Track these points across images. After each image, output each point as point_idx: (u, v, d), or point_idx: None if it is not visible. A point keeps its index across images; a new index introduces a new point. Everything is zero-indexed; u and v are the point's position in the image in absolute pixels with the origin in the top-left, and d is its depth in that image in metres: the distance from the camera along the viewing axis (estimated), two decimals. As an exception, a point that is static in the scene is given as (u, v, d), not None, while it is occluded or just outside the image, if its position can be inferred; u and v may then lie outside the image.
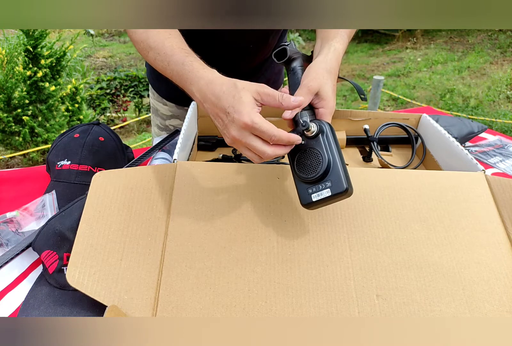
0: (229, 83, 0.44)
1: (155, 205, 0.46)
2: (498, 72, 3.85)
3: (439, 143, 0.70)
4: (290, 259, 0.43)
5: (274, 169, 0.50)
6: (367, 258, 0.43)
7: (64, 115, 2.22)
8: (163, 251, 0.42)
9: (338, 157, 0.41)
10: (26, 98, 2.05)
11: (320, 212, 0.47)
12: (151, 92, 0.94)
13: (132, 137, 3.17)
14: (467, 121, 0.90)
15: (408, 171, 0.53)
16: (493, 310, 0.41)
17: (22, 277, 0.51)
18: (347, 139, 0.77)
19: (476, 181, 0.52)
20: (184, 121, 0.67)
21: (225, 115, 0.44)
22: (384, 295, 0.41)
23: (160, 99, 0.91)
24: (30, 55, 2.01)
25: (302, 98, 0.45)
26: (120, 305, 0.39)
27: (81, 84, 2.31)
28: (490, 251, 0.45)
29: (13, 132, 2.10)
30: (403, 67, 4.29)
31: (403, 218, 0.47)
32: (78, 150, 0.66)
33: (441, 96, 3.56)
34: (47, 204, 0.61)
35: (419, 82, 3.89)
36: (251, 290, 0.40)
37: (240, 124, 0.42)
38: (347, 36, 0.58)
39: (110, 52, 5.38)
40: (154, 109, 0.95)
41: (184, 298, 0.40)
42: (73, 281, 0.39)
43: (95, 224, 0.44)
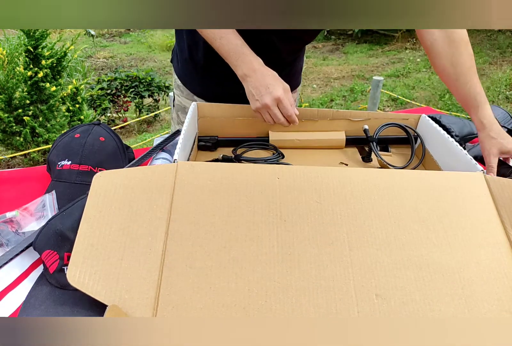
0: (273, 72, 0.66)
1: (155, 205, 0.46)
2: (497, 73, 3.85)
3: (438, 143, 0.70)
4: (290, 259, 0.43)
5: (274, 170, 0.51)
6: (366, 257, 0.44)
7: (65, 116, 2.22)
8: (163, 250, 0.43)
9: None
10: (27, 99, 2.05)
11: (319, 212, 0.47)
12: (179, 90, 0.94)
13: (133, 137, 3.18)
14: (467, 122, 0.90)
15: (407, 172, 0.53)
16: (492, 310, 0.41)
17: (23, 277, 0.51)
18: (346, 139, 0.77)
19: (475, 181, 0.52)
20: (185, 121, 0.68)
21: (264, 88, 0.64)
22: (384, 294, 0.41)
23: (191, 96, 0.91)
24: (31, 56, 2.01)
25: (297, 122, 0.67)
26: (121, 304, 0.39)
27: (82, 84, 2.32)
28: (489, 251, 0.45)
29: (14, 133, 2.11)
30: (402, 67, 4.30)
31: (402, 218, 0.47)
32: (78, 150, 0.67)
33: (441, 97, 3.57)
34: (47, 204, 0.61)
35: (418, 83, 3.90)
36: (251, 290, 0.40)
37: (275, 96, 0.63)
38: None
39: (111, 53, 5.39)
40: (181, 107, 0.95)
41: (185, 297, 0.40)
42: (73, 280, 0.40)
43: (95, 223, 0.44)
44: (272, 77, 0.65)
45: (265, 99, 0.63)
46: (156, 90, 3.32)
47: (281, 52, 0.81)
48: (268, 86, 0.63)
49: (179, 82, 0.92)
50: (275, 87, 0.63)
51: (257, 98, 0.64)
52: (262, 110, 0.65)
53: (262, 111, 0.66)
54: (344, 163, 0.73)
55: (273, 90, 0.63)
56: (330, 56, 4.98)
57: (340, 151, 0.78)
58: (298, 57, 0.91)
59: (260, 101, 0.64)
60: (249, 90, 0.65)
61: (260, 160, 0.69)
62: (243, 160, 0.69)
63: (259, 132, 0.78)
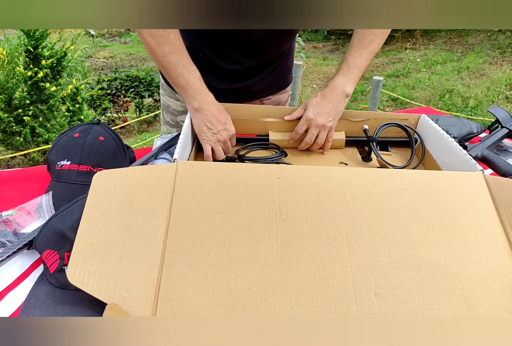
0: (223, 108, 0.70)
1: (155, 204, 0.46)
2: (497, 73, 3.85)
3: (438, 143, 0.70)
4: (289, 258, 0.43)
5: (273, 169, 0.51)
6: (365, 257, 0.44)
7: (65, 116, 2.22)
8: (163, 249, 0.43)
9: None
10: (27, 99, 2.05)
11: (319, 211, 0.47)
12: (163, 89, 0.94)
13: (133, 137, 3.18)
14: (466, 122, 0.90)
15: (407, 171, 0.53)
16: (491, 309, 0.41)
17: (23, 277, 0.51)
18: (346, 140, 0.77)
19: (474, 180, 0.52)
20: (185, 121, 0.68)
21: (221, 124, 0.68)
22: (383, 293, 0.41)
23: (173, 94, 0.91)
24: (31, 56, 2.01)
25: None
26: (120, 303, 0.39)
27: (82, 84, 2.32)
28: (488, 251, 0.45)
29: (14, 133, 2.11)
30: (402, 67, 4.30)
31: (401, 218, 0.47)
32: (78, 150, 0.66)
33: (441, 97, 3.57)
34: (44, 204, 0.61)
35: (418, 83, 3.90)
36: (251, 289, 0.41)
37: (231, 133, 0.70)
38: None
39: (111, 53, 5.39)
40: (165, 106, 0.95)
41: (184, 296, 0.40)
42: (73, 279, 0.40)
43: (95, 222, 0.44)
44: (225, 114, 0.69)
45: (223, 135, 0.67)
46: (156, 90, 3.32)
47: (264, 47, 0.80)
48: (225, 122, 0.68)
49: (163, 81, 0.92)
50: (230, 125, 0.69)
51: (214, 132, 0.66)
52: (216, 143, 0.67)
53: (216, 144, 0.67)
54: (344, 163, 0.73)
55: (229, 127, 0.69)
56: (330, 56, 4.98)
57: (340, 151, 0.78)
58: (285, 55, 0.89)
59: (218, 136, 0.67)
60: (204, 123, 0.66)
61: (261, 159, 0.70)
62: (246, 161, 0.69)
63: (258, 133, 0.78)
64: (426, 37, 5.07)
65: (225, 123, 0.68)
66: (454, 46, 4.71)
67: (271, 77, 0.89)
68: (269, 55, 0.84)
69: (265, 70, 0.86)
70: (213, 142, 0.67)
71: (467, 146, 0.83)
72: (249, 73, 0.84)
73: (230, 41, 0.77)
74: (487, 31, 4.84)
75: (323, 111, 0.70)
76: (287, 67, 0.93)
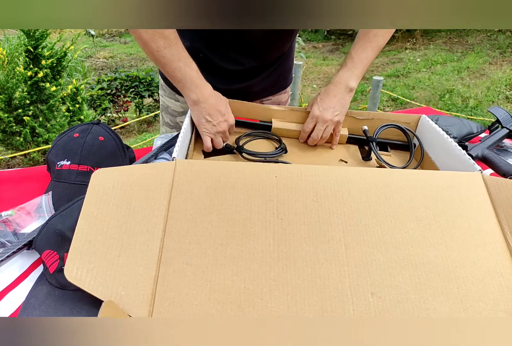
0: (224, 98, 0.70)
1: (153, 202, 0.46)
2: (497, 73, 3.85)
3: (437, 144, 0.70)
4: (286, 257, 0.43)
5: (271, 168, 0.51)
6: (362, 256, 0.44)
7: (65, 116, 2.22)
8: (160, 247, 0.43)
9: None
10: (27, 99, 2.05)
11: (316, 210, 0.47)
12: (162, 89, 0.93)
13: (133, 137, 3.18)
14: (466, 122, 0.90)
15: (405, 171, 0.53)
16: (488, 309, 0.41)
17: (23, 277, 0.51)
18: (348, 137, 0.77)
19: (473, 180, 0.52)
20: (184, 122, 0.68)
21: (220, 115, 0.67)
22: (379, 293, 0.41)
23: (172, 95, 0.91)
24: (31, 56, 2.01)
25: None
26: (118, 300, 0.39)
27: (82, 84, 2.32)
28: (485, 251, 0.45)
29: (14, 133, 2.11)
30: (402, 67, 4.30)
31: (399, 217, 0.47)
32: (77, 150, 0.66)
33: (441, 97, 3.57)
34: (43, 205, 0.61)
35: (418, 83, 3.90)
36: (247, 287, 0.41)
37: (230, 123, 0.69)
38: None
39: (111, 53, 5.40)
40: (164, 106, 0.95)
41: (181, 294, 0.40)
42: (71, 276, 0.40)
43: (93, 220, 0.44)
44: (224, 104, 0.69)
45: (223, 125, 0.67)
46: (156, 90, 3.32)
47: (264, 47, 0.80)
48: (224, 113, 0.67)
49: (162, 82, 0.92)
50: (230, 115, 0.69)
51: (214, 124, 0.66)
52: (216, 135, 0.67)
53: (215, 135, 0.67)
54: (344, 161, 0.73)
55: (228, 118, 0.68)
56: (330, 56, 4.98)
57: (342, 148, 0.77)
58: (285, 56, 0.89)
59: (217, 127, 0.67)
60: (203, 115, 0.66)
61: (261, 155, 0.69)
62: (245, 153, 0.69)
63: (261, 118, 0.77)
64: (426, 37, 5.07)
65: (224, 115, 0.67)
66: (454, 46, 4.70)
67: (271, 77, 0.89)
68: (270, 55, 0.84)
69: (266, 71, 0.86)
70: (213, 134, 0.67)
71: (468, 146, 0.83)
72: (250, 73, 0.84)
73: (230, 42, 0.77)
74: (487, 31, 4.84)
75: (328, 106, 0.70)
76: (288, 68, 0.93)
